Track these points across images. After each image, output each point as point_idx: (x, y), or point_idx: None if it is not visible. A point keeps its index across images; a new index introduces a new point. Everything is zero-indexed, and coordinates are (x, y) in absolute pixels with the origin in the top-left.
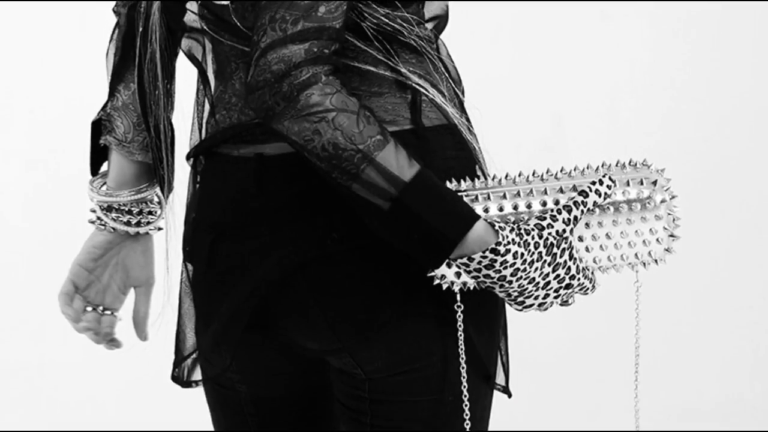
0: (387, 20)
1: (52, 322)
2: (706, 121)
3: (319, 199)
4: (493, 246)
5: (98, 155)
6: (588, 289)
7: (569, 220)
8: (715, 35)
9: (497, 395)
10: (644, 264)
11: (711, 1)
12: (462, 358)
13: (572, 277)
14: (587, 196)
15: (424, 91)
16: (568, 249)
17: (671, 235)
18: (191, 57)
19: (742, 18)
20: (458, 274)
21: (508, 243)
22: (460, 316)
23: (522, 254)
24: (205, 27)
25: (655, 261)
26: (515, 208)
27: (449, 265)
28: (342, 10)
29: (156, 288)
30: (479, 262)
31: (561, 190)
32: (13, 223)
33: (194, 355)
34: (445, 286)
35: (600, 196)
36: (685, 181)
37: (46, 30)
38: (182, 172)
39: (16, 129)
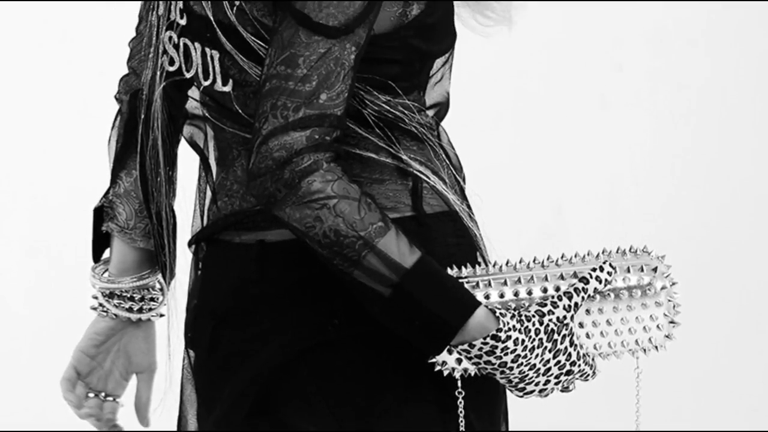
0: (388, 107)
1: (54, 409)
2: (706, 208)
3: (320, 285)
4: (494, 332)
5: (100, 242)
6: (588, 375)
7: (570, 306)
8: (714, 125)
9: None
10: (645, 350)
11: (710, 92)
12: None
13: (573, 363)
14: (588, 282)
15: (425, 178)
16: (568, 335)
17: (672, 322)
18: (193, 144)
19: (742, 109)
20: (459, 361)
21: (509, 329)
22: (461, 402)
23: (523, 341)
24: (206, 114)
25: (656, 347)
26: (516, 294)
27: (450, 352)
28: (343, 97)
29: (158, 374)
30: (480, 349)
31: (562, 277)
32: (15, 310)
33: None
34: (446, 373)
35: (600, 282)
36: (685, 268)
37: (48, 117)
38: (184, 258)
39: (18, 215)
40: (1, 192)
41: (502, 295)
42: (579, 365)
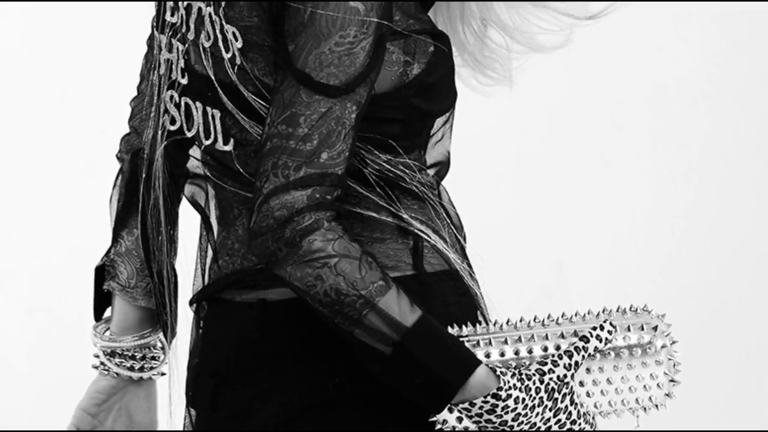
0: (389, 167)
1: None
2: (706, 267)
3: (321, 344)
4: (495, 391)
5: (102, 301)
6: None
7: (570, 365)
8: (714, 184)
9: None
10: (645, 409)
11: (711, 152)
12: None
13: (573, 422)
14: (588, 341)
15: (426, 237)
16: (569, 394)
17: (672, 380)
18: (194, 203)
19: (742, 169)
20: (460, 419)
21: (510, 388)
22: None
23: (523, 399)
24: (208, 173)
25: (656, 406)
26: (516, 353)
27: (451, 410)
28: (344, 156)
29: None
30: (481, 407)
31: (562, 336)
32: (16, 368)
33: None
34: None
35: (601, 341)
36: (685, 327)
37: (49, 176)
38: (185, 317)
39: (19, 274)
40: (2, 250)
41: (502, 354)
42: (579, 424)
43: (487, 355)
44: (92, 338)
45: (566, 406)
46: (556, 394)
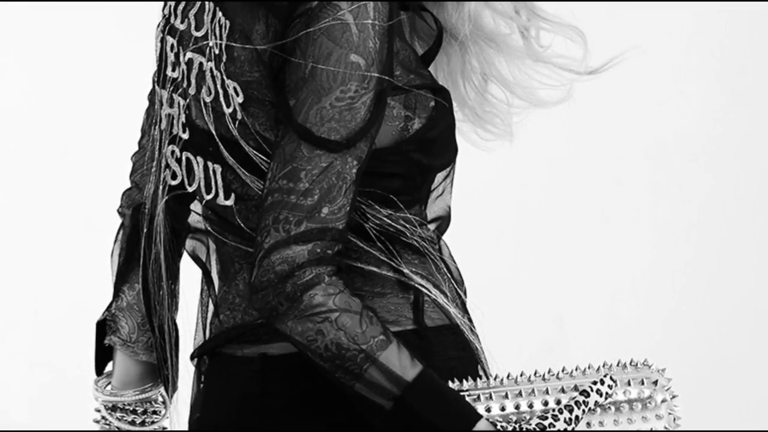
0: (390, 221)
1: None
2: (707, 322)
3: (322, 398)
4: None
5: (103, 355)
6: None
7: (571, 419)
8: (714, 240)
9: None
10: None
11: (711, 207)
12: None
13: None
14: (588, 395)
15: (427, 292)
16: None
17: None
18: (195, 258)
19: (742, 224)
20: None
21: None
22: None
23: None
24: (209, 228)
25: None
26: (517, 407)
27: None
28: (345, 211)
29: None
30: None
31: (562, 390)
32: (18, 420)
33: None
34: None
35: (601, 395)
36: (686, 381)
37: (51, 231)
38: (186, 372)
39: (20, 329)
40: (3, 304)
41: (503, 408)
42: None
43: (488, 410)
44: (93, 392)
45: None
46: None
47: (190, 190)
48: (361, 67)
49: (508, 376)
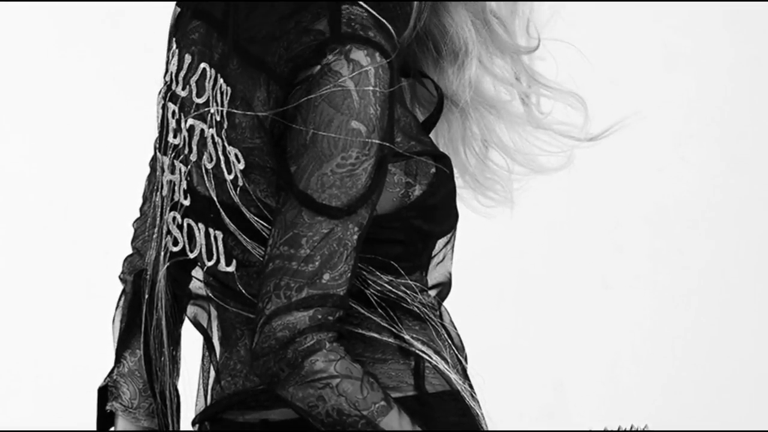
0: (390, 287)
1: None
2: (707, 389)
3: None
4: None
5: (105, 421)
6: None
7: None
8: (715, 306)
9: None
10: None
11: (711, 274)
12: None
13: None
14: None
15: (428, 358)
16: None
17: None
18: (197, 324)
19: (742, 291)
20: None
21: None
22: None
23: None
24: (210, 294)
25: None
26: None
27: None
28: (346, 277)
29: None
30: None
31: None
32: None
33: None
34: None
35: None
36: None
37: (52, 297)
38: None
39: (22, 396)
40: (5, 371)
41: None
42: None
43: None
44: None
45: None
46: None
47: (191, 256)
48: (362, 134)
49: None
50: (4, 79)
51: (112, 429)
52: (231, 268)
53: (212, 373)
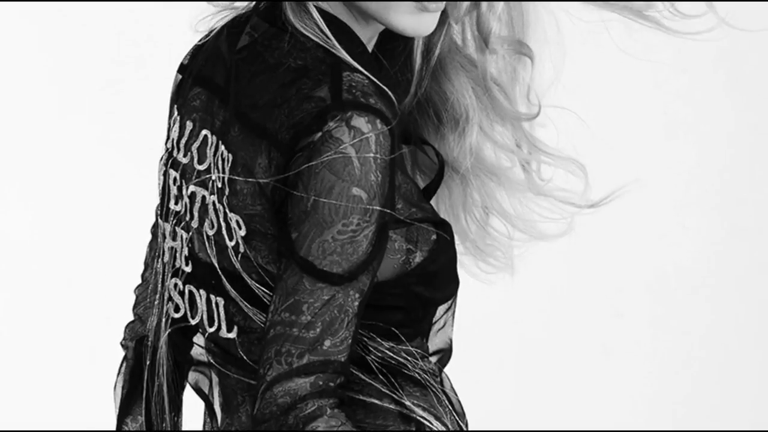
0: (391, 354)
1: None
2: None
3: None
4: None
5: None
6: None
7: None
8: (715, 371)
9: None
10: None
11: (712, 340)
12: None
13: None
14: None
15: (429, 425)
16: None
17: None
18: (198, 390)
19: (742, 356)
20: None
21: None
22: None
23: None
24: (211, 360)
25: None
26: None
27: None
28: (347, 344)
29: None
30: None
31: None
32: None
33: None
34: None
35: None
36: None
37: (54, 364)
38: None
39: None
40: None
41: None
42: None
43: None
44: None
45: None
46: None
47: (192, 323)
48: (363, 201)
49: None
50: (5, 146)
51: None
52: (232, 335)
53: None
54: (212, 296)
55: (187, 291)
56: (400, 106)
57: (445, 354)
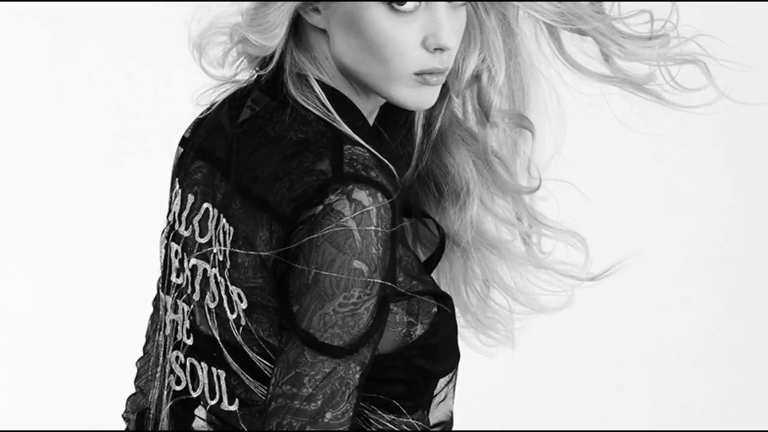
0: (392, 427)
1: None
2: None
3: None
4: None
5: None
6: None
7: None
8: None
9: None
10: None
11: (712, 412)
12: None
13: None
14: None
15: None
16: None
17: None
18: None
19: (742, 426)
20: None
21: None
22: None
23: None
24: None
25: None
26: None
27: None
28: (348, 416)
29: None
30: None
31: None
32: None
33: None
34: None
35: None
36: None
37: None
38: None
39: None
40: None
41: None
42: None
43: None
44: None
45: None
46: None
47: (194, 395)
48: (364, 274)
49: None
50: (7, 218)
51: None
52: (234, 407)
53: None
54: (214, 369)
55: (188, 363)
56: (401, 179)
57: (446, 427)
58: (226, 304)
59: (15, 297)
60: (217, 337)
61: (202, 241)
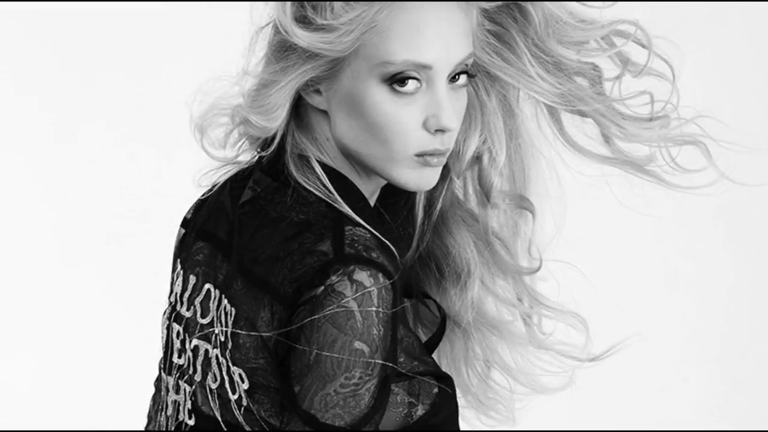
0: None
1: None
2: None
3: None
4: None
5: None
6: None
7: None
8: None
9: None
10: None
11: None
12: None
13: None
14: None
15: None
16: None
17: None
18: None
19: None
20: None
21: None
22: None
23: None
24: None
25: None
26: None
27: None
28: None
29: None
30: None
31: None
32: None
33: None
34: None
35: None
36: None
37: None
38: None
39: None
40: None
41: None
42: None
43: None
44: None
45: None
46: None
47: None
48: (365, 354)
49: None
50: (9, 300)
51: None
52: None
53: None
54: None
55: None
56: (402, 260)
57: None
58: (227, 385)
59: (16, 377)
60: (219, 418)
61: (204, 321)
